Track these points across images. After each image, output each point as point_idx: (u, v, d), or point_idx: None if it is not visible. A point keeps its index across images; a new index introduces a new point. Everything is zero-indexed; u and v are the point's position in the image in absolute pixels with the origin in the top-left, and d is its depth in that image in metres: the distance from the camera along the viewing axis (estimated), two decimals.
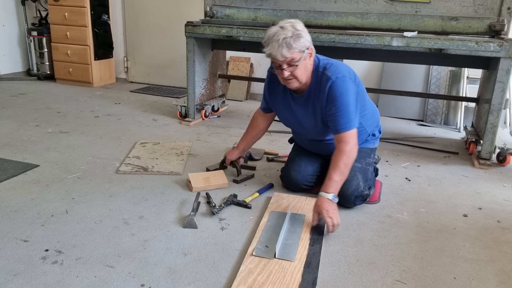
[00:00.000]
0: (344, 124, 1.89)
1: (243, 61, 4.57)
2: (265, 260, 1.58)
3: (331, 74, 1.90)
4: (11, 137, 2.96)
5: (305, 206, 2.03)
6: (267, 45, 1.82)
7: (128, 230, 1.80)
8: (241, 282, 1.44)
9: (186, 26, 3.27)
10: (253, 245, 1.67)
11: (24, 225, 1.80)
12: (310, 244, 1.70)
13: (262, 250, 1.64)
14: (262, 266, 1.53)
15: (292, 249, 1.66)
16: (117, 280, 1.47)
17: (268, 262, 1.56)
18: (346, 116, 1.89)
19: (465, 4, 2.97)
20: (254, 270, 1.51)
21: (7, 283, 1.43)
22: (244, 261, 1.57)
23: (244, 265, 1.54)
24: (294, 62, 1.82)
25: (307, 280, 1.46)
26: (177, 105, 3.61)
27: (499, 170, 2.74)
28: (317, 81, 1.94)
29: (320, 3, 3.30)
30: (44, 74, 5.05)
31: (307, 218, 1.90)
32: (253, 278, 1.46)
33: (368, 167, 2.11)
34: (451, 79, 3.83)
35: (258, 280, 1.45)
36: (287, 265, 1.55)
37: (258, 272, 1.50)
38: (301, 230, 1.80)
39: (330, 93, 1.89)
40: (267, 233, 1.77)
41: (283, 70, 1.84)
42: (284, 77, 1.86)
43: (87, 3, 4.57)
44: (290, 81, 1.89)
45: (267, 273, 1.49)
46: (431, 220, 2.01)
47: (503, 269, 1.64)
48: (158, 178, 2.36)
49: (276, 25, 1.85)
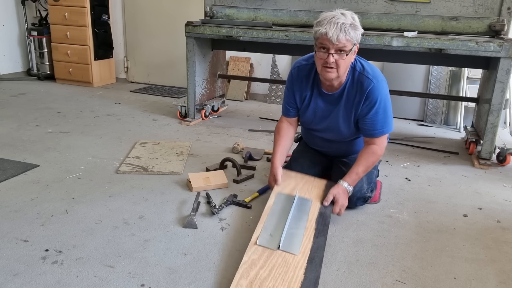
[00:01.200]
0: (381, 128, 1.91)
1: (243, 61, 4.57)
2: (268, 251, 1.55)
3: (371, 76, 1.87)
4: (11, 137, 2.96)
5: (312, 189, 1.99)
6: (322, 24, 1.74)
7: (128, 230, 1.80)
8: (243, 275, 1.43)
9: (186, 26, 3.27)
10: (257, 231, 1.64)
11: (24, 225, 1.80)
12: (315, 236, 1.67)
13: (266, 239, 1.61)
14: (265, 258, 1.51)
15: (296, 240, 1.63)
16: (117, 280, 1.47)
17: (271, 254, 1.54)
18: (384, 120, 1.90)
19: (465, 4, 2.97)
20: (257, 262, 1.49)
21: (7, 283, 1.43)
22: (247, 251, 1.55)
23: (247, 255, 1.52)
24: (344, 51, 1.76)
25: (309, 279, 1.45)
26: (177, 105, 3.61)
27: (499, 170, 2.74)
28: (353, 81, 1.90)
29: (320, 3, 3.30)
30: (44, 74, 5.05)
31: (313, 204, 1.86)
32: (256, 272, 1.45)
33: (373, 170, 2.10)
34: (451, 79, 3.83)
35: (260, 275, 1.44)
36: (290, 259, 1.52)
37: (261, 264, 1.48)
38: (307, 218, 1.76)
39: (370, 96, 1.87)
40: (272, 218, 1.74)
41: (330, 55, 1.76)
42: (329, 63, 1.77)
43: (87, 3, 4.57)
44: (331, 70, 1.80)
45: (269, 267, 1.48)
46: (431, 220, 2.01)
47: (503, 269, 1.64)
48: (158, 178, 2.36)
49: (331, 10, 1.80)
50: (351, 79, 1.91)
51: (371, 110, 1.89)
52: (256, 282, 1.41)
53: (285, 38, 3.03)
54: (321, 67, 1.83)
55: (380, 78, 1.90)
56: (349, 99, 1.93)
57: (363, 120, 1.93)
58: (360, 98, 1.89)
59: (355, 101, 1.91)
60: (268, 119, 3.78)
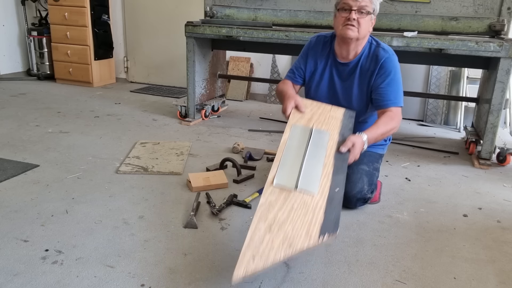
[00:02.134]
0: (394, 98, 1.94)
1: (243, 61, 4.57)
2: (285, 192, 1.47)
3: (387, 49, 1.99)
4: (11, 137, 2.96)
5: (329, 120, 1.87)
6: None
7: (128, 230, 1.80)
8: (261, 218, 1.36)
9: (186, 26, 3.27)
10: (273, 170, 1.56)
11: (24, 225, 1.80)
12: (333, 173, 1.58)
13: (283, 179, 1.52)
14: (283, 200, 1.44)
15: (314, 178, 1.54)
16: (117, 280, 1.47)
17: (289, 195, 1.46)
18: (397, 91, 1.95)
19: (465, 4, 2.97)
20: (274, 203, 1.42)
21: (7, 283, 1.43)
22: (264, 192, 1.47)
23: (264, 197, 1.44)
24: (365, 11, 1.86)
25: (329, 220, 1.38)
26: (177, 105, 3.61)
27: (499, 170, 2.74)
28: (369, 53, 1.99)
29: (320, 3, 3.30)
30: (44, 74, 5.05)
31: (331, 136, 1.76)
32: (274, 214, 1.38)
33: (374, 172, 2.11)
34: (451, 79, 3.83)
35: (279, 217, 1.37)
36: (308, 200, 1.45)
37: (279, 206, 1.41)
38: (324, 154, 1.67)
39: (385, 65, 1.94)
40: (288, 155, 1.64)
41: (352, 12, 1.86)
42: (350, 19, 1.86)
43: (87, 3, 4.57)
44: (352, 28, 1.88)
45: (288, 209, 1.40)
46: (431, 220, 2.01)
47: (503, 269, 1.64)
48: (158, 178, 2.36)
49: None
50: (367, 51, 2.00)
51: (385, 79, 1.94)
52: (275, 225, 1.34)
53: (285, 38, 3.03)
54: (341, 26, 1.91)
55: (394, 53, 1.99)
56: (363, 70, 1.99)
57: (377, 90, 1.96)
58: (374, 68, 1.96)
59: (369, 71, 1.98)
60: (268, 119, 3.78)
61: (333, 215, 1.41)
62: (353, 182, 1.99)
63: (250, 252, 1.29)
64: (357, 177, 2.01)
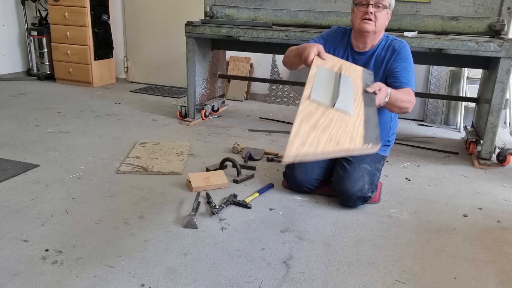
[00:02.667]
0: (409, 80, 2.00)
1: (243, 61, 4.57)
2: (323, 107, 1.43)
3: (403, 41, 2.10)
4: (11, 137, 2.96)
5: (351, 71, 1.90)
6: None
7: (128, 230, 1.80)
8: (304, 120, 1.32)
9: (186, 26, 3.27)
10: (308, 89, 1.51)
11: (24, 225, 1.80)
12: (365, 106, 1.58)
13: (320, 96, 1.48)
14: (322, 112, 1.40)
15: (349, 101, 1.53)
16: (117, 280, 1.47)
17: (326, 109, 1.42)
18: (411, 76, 2.02)
19: (465, 4, 2.97)
20: (314, 113, 1.38)
21: (7, 283, 1.43)
22: (301, 103, 1.41)
23: (303, 106, 1.40)
24: (382, 5, 1.97)
25: (370, 134, 1.36)
26: (177, 105, 3.61)
27: (499, 170, 2.74)
28: (385, 44, 2.09)
29: (320, 3, 3.30)
30: (44, 74, 5.05)
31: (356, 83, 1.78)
32: (316, 119, 1.34)
33: (376, 172, 2.12)
34: (451, 79, 3.83)
35: (321, 123, 1.33)
36: (346, 118, 1.42)
37: (319, 115, 1.37)
38: (353, 90, 1.68)
39: (401, 52, 2.05)
40: (322, 79, 1.61)
41: (369, 6, 1.97)
42: (368, 13, 1.97)
43: (87, 3, 4.57)
44: (369, 22, 1.99)
45: (328, 118, 1.37)
46: (431, 220, 2.01)
47: (503, 269, 1.65)
48: (158, 178, 2.36)
49: None
50: (384, 43, 2.10)
51: (402, 64, 2.02)
52: (318, 127, 1.31)
53: (285, 38, 3.03)
54: (359, 20, 2.01)
55: (408, 47, 2.09)
56: (378, 60, 2.08)
57: (392, 73, 2.03)
58: (391, 55, 2.05)
59: (385, 59, 2.06)
60: (268, 119, 3.78)
61: (373, 132, 1.40)
62: (355, 180, 2.00)
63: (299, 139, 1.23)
64: (358, 175, 2.02)
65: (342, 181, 2.04)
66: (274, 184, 2.32)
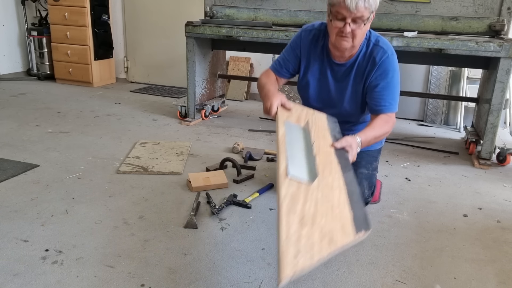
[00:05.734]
0: (389, 103, 1.79)
1: (243, 61, 4.57)
2: (304, 185, 1.36)
3: (386, 48, 1.79)
4: (11, 137, 2.96)
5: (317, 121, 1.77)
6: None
7: (128, 230, 1.80)
8: (290, 210, 1.24)
9: (186, 26, 3.27)
10: (283, 163, 1.42)
11: (24, 225, 1.80)
12: (342, 170, 1.51)
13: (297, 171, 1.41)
14: (305, 193, 1.32)
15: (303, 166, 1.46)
16: (117, 280, 1.47)
17: (308, 189, 1.34)
18: (392, 96, 1.79)
19: (465, 4, 2.97)
20: (297, 196, 1.29)
21: (7, 283, 1.43)
22: (282, 184, 1.33)
23: (284, 189, 1.31)
24: (362, 20, 1.65)
25: (358, 216, 1.30)
26: (177, 105, 3.61)
27: (499, 170, 2.74)
28: (367, 51, 1.81)
29: (320, 3, 3.30)
30: (44, 74, 5.04)
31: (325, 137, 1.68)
32: (301, 207, 1.25)
33: (374, 173, 2.05)
34: (451, 79, 3.83)
35: (307, 210, 1.25)
36: (330, 195, 1.35)
37: (303, 200, 1.29)
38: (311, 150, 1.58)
39: (383, 66, 1.78)
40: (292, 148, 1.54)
41: (346, 24, 1.65)
42: (345, 32, 1.67)
43: (87, 3, 4.57)
44: (346, 39, 1.70)
45: (313, 202, 1.29)
46: (431, 220, 2.01)
47: (503, 269, 1.65)
48: (158, 178, 2.36)
49: None
50: (365, 50, 1.82)
51: (382, 82, 1.78)
52: (306, 218, 1.23)
53: (285, 38, 3.03)
54: (335, 36, 1.72)
55: (393, 52, 1.82)
56: (359, 70, 1.83)
57: (371, 93, 1.81)
58: (371, 68, 1.80)
59: (366, 71, 1.82)
60: (268, 119, 3.77)
61: (360, 211, 1.33)
62: None
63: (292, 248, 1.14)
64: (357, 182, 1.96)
65: None
66: (274, 184, 2.32)
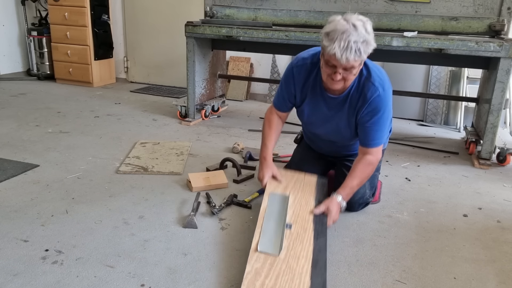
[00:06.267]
0: (377, 139, 1.83)
1: (243, 61, 4.57)
2: (271, 258, 1.51)
3: (377, 84, 1.76)
4: (11, 137, 2.96)
5: (304, 186, 1.95)
6: (332, 40, 1.57)
7: (128, 230, 1.80)
8: (249, 286, 1.39)
9: (186, 26, 3.27)
10: (256, 237, 1.60)
11: (24, 225, 1.80)
12: (314, 237, 1.63)
13: (267, 245, 1.56)
14: (269, 266, 1.48)
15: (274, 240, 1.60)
16: (117, 280, 1.47)
17: (274, 261, 1.50)
18: (381, 132, 1.82)
19: (465, 4, 2.97)
20: (260, 271, 1.46)
21: (7, 283, 1.43)
22: (249, 259, 1.50)
23: (250, 265, 1.48)
24: (353, 69, 1.64)
25: (316, 284, 1.42)
26: (177, 105, 3.61)
27: (499, 170, 2.74)
28: (359, 86, 1.79)
29: (320, 3, 3.30)
30: (44, 74, 5.05)
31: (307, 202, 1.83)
32: (261, 282, 1.41)
33: (376, 173, 2.06)
34: (451, 79, 3.83)
35: (267, 285, 1.40)
36: (294, 265, 1.49)
37: (266, 273, 1.45)
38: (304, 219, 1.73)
39: (374, 104, 1.77)
40: (270, 221, 1.69)
41: (336, 73, 1.65)
42: (335, 79, 1.67)
43: (87, 3, 4.57)
44: (337, 83, 1.70)
45: (275, 275, 1.44)
46: (431, 220, 2.01)
47: (503, 269, 1.65)
48: (158, 178, 2.36)
49: (341, 17, 1.63)
50: (357, 83, 1.80)
51: (371, 119, 1.79)
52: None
53: (285, 38, 3.03)
54: (326, 77, 1.72)
55: (386, 86, 1.79)
56: (352, 103, 1.83)
57: (361, 127, 1.85)
58: (362, 104, 1.79)
59: (357, 106, 1.82)
60: None
61: (319, 279, 1.45)
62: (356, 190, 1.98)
63: None
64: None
65: None
66: None
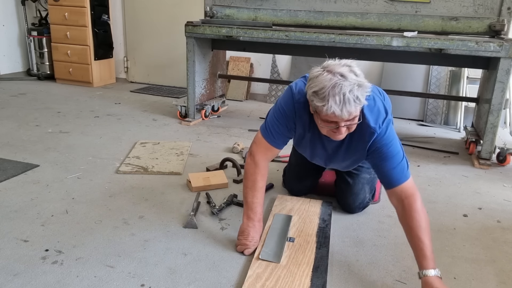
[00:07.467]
0: (399, 176, 1.56)
1: (243, 61, 4.57)
2: (272, 264, 1.56)
3: (374, 123, 1.55)
4: (11, 137, 2.96)
5: (309, 208, 2.01)
6: (325, 100, 1.37)
7: (128, 230, 1.80)
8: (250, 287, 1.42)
9: (186, 26, 3.27)
10: (259, 249, 1.65)
11: (24, 225, 1.80)
12: (317, 248, 1.68)
13: (269, 254, 1.62)
14: (270, 271, 1.52)
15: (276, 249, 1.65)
16: (117, 280, 1.47)
17: (275, 267, 1.54)
18: (398, 167, 1.56)
19: (465, 4, 2.97)
20: (262, 275, 1.49)
21: (7, 283, 1.43)
22: (251, 266, 1.54)
23: (251, 270, 1.52)
24: (355, 118, 1.45)
25: (316, 285, 1.45)
26: (177, 105, 3.61)
27: (499, 170, 2.74)
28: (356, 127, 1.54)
29: (320, 3, 3.30)
30: (44, 74, 5.04)
31: (312, 222, 1.88)
32: (262, 284, 1.44)
33: (375, 176, 2.02)
34: (451, 79, 3.83)
35: (267, 286, 1.43)
36: (295, 270, 1.53)
37: (266, 277, 1.48)
38: (307, 233, 1.79)
39: (375, 146, 1.59)
40: (273, 237, 1.74)
41: (340, 128, 1.45)
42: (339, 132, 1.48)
43: (87, 3, 4.57)
44: (340, 135, 1.50)
45: (275, 278, 1.48)
46: (431, 220, 1.99)
47: (503, 269, 1.64)
48: (158, 178, 2.36)
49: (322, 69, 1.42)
50: None
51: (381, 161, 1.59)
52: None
53: (285, 38, 3.03)
54: (327, 131, 1.52)
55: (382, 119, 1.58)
56: (351, 142, 1.67)
57: (380, 172, 1.62)
58: (363, 145, 1.62)
59: (358, 147, 1.65)
60: None
61: (319, 281, 1.47)
62: (355, 193, 1.97)
63: None
64: (358, 187, 1.97)
65: (343, 195, 2.02)
66: (274, 184, 2.32)
